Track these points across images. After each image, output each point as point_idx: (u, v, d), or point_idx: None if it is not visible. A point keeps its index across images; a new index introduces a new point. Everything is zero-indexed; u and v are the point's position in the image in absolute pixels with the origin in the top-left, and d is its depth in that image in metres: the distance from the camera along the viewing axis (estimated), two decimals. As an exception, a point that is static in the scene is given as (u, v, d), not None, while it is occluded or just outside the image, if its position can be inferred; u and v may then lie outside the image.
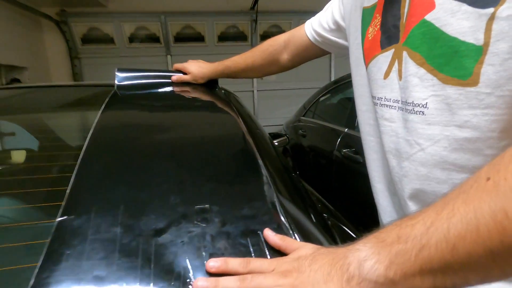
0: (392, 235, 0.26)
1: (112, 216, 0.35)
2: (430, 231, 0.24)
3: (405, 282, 0.25)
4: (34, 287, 0.27)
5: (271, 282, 0.29)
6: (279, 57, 0.75)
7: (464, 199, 0.23)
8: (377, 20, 0.42)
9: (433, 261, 0.23)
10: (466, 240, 0.22)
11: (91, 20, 3.97)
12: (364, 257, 0.27)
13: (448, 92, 0.32)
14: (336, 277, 0.28)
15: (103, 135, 0.50)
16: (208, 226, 0.37)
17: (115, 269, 0.30)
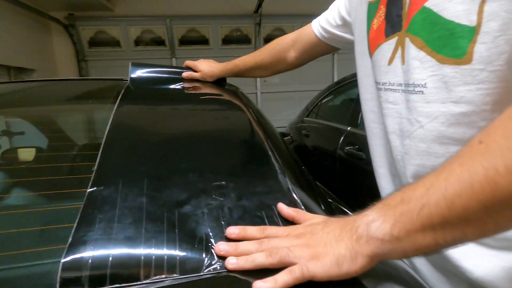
0: (396, 199, 0.29)
1: (138, 188, 0.39)
2: (430, 192, 0.26)
3: (408, 239, 0.27)
4: (72, 244, 0.31)
5: (286, 243, 0.32)
6: (286, 55, 0.77)
7: (459, 162, 0.26)
8: (382, 11, 0.44)
9: (433, 217, 0.26)
10: (462, 196, 0.24)
11: (98, 24, 4.05)
12: (372, 219, 0.29)
13: (445, 71, 0.34)
14: (347, 237, 0.30)
15: (123, 120, 0.53)
16: (226, 200, 0.40)
17: (143, 232, 0.33)
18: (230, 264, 0.31)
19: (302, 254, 0.30)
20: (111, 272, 0.29)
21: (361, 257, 0.29)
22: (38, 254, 0.34)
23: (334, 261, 0.29)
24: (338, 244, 0.30)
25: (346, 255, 0.29)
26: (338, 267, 0.29)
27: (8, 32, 3.13)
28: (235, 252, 0.32)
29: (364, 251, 0.29)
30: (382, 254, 0.29)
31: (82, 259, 0.30)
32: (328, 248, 0.30)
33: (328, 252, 0.30)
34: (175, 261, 0.31)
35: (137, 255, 0.31)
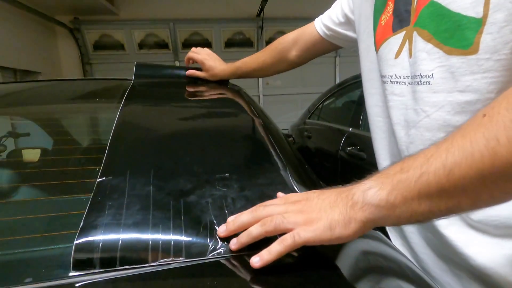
0: (396, 168, 0.29)
1: (145, 178, 0.40)
2: (430, 161, 0.27)
3: (404, 206, 0.28)
4: (83, 228, 0.32)
5: (280, 209, 0.32)
6: (287, 54, 0.78)
7: (462, 134, 0.26)
8: (390, 7, 0.46)
9: (430, 185, 0.26)
10: (461, 165, 0.25)
11: (103, 28, 4.11)
12: (368, 187, 0.30)
13: (452, 62, 0.36)
14: (341, 203, 0.31)
15: (129, 116, 0.55)
16: (229, 191, 0.41)
17: (151, 218, 0.35)
18: (232, 245, 0.32)
19: (296, 220, 0.31)
20: (121, 254, 0.31)
21: (354, 223, 0.30)
22: (53, 239, 0.36)
23: (327, 226, 0.30)
24: (332, 210, 0.31)
25: (340, 220, 0.30)
26: (331, 231, 0.30)
27: (15, 35, 3.19)
28: (233, 226, 0.33)
29: (358, 217, 0.29)
30: (375, 220, 0.29)
31: (93, 241, 0.31)
32: (322, 213, 0.31)
33: (321, 217, 0.30)
34: (181, 246, 0.33)
35: (145, 239, 0.33)
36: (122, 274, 0.30)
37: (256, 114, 0.65)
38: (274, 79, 4.61)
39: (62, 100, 0.72)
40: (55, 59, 4.04)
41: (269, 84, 4.62)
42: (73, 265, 0.30)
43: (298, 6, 4.35)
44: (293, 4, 4.33)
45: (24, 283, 0.29)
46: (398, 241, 0.55)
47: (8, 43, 3.09)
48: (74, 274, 0.29)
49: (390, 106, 0.47)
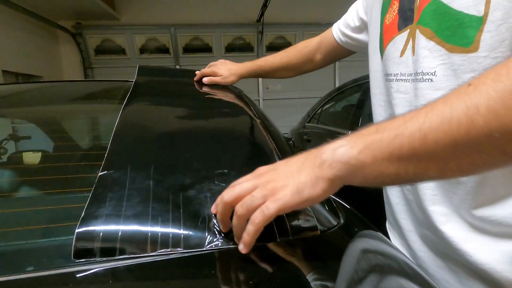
0: (371, 129, 0.29)
1: (145, 172, 0.41)
2: (407, 124, 0.26)
3: (373, 165, 0.27)
4: (84, 218, 0.33)
5: (248, 185, 0.32)
6: (313, 57, 0.81)
7: (444, 100, 0.26)
8: (395, 6, 0.46)
9: (403, 147, 0.26)
10: (437, 131, 0.25)
11: (105, 32, 4.16)
12: (339, 145, 0.29)
13: (454, 60, 0.36)
14: (309, 165, 0.30)
15: (131, 115, 0.56)
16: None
17: (150, 210, 0.36)
18: (242, 250, 0.31)
19: (264, 193, 0.30)
20: (121, 244, 0.32)
21: (321, 181, 0.29)
22: (55, 230, 0.37)
23: (295, 190, 0.29)
24: (299, 173, 0.30)
25: (307, 181, 0.29)
26: (299, 194, 0.29)
27: (17, 40, 3.23)
28: (221, 222, 0.33)
29: (325, 175, 0.29)
30: (342, 177, 0.29)
31: (94, 231, 0.32)
32: (290, 179, 0.30)
33: (288, 183, 0.30)
34: (179, 237, 0.33)
35: (144, 230, 0.33)
36: (121, 264, 0.30)
37: (256, 115, 0.66)
38: (274, 83, 4.64)
39: (66, 101, 0.73)
40: (57, 64, 4.08)
41: (269, 88, 4.65)
42: (74, 254, 0.30)
43: (297, 11, 4.40)
44: (292, 10, 4.38)
45: (27, 271, 0.29)
46: (397, 240, 0.55)
47: (11, 47, 3.12)
48: (75, 263, 0.30)
49: (395, 104, 0.47)
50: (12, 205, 0.44)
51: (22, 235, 0.36)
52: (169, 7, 4.17)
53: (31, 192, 0.46)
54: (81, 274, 0.29)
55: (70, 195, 0.44)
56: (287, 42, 4.54)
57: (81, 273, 0.29)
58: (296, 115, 3.88)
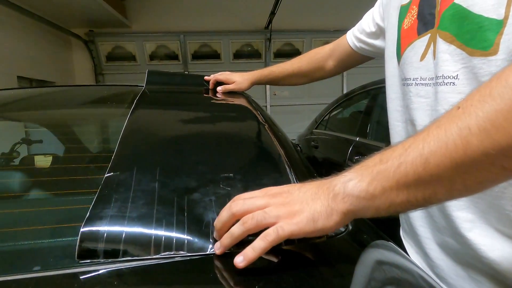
0: (375, 160, 0.30)
1: (151, 175, 0.41)
2: (408, 151, 0.28)
3: (383, 196, 0.28)
4: (89, 218, 0.33)
5: (262, 203, 0.31)
6: (325, 64, 0.80)
7: (437, 125, 0.27)
8: (414, 11, 0.46)
9: (408, 175, 0.27)
10: (436, 154, 0.26)
11: (116, 40, 4.26)
12: (349, 178, 0.30)
13: (474, 63, 0.36)
14: (323, 195, 0.31)
15: (138, 119, 0.57)
16: (233, 190, 0.42)
17: (155, 212, 0.35)
18: (216, 249, 0.32)
19: (278, 213, 0.30)
20: (124, 245, 0.31)
21: (336, 214, 0.30)
22: (61, 231, 0.37)
23: (310, 218, 0.30)
24: (314, 202, 0.31)
25: (322, 211, 0.30)
26: (314, 223, 0.30)
27: (32, 47, 3.33)
28: (217, 231, 0.33)
29: (339, 208, 0.30)
30: (355, 211, 0.30)
31: (98, 231, 0.32)
32: (304, 205, 0.31)
33: (304, 209, 0.30)
34: (183, 240, 0.33)
35: (148, 233, 0.33)
36: (125, 266, 0.30)
37: (263, 120, 0.66)
38: (281, 89, 4.65)
39: (78, 105, 0.74)
40: (70, 70, 4.19)
41: (276, 94, 4.66)
42: (78, 254, 0.30)
43: (305, 18, 4.43)
44: (300, 17, 4.42)
45: (33, 271, 0.29)
46: (413, 248, 0.54)
47: (26, 54, 3.22)
48: (79, 263, 0.30)
49: (414, 108, 0.47)
50: (22, 206, 0.44)
51: (29, 235, 0.37)
52: (178, 15, 4.25)
53: (40, 193, 0.47)
54: (84, 275, 0.29)
55: (78, 197, 0.44)
56: (295, 49, 4.56)
57: (84, 274, 0.29)
58: (303, 121, 3.88)
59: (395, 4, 0.53)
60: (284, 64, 0.83)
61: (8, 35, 2.98)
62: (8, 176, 0.59)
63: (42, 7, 3.21)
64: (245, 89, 0.83)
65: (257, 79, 0.84)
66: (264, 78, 0.84)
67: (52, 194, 0.47)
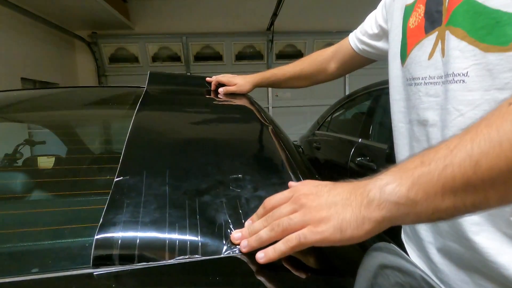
0: (415, 162, 0.27)
1: (161, 178, 0.41)
2: (454, 152, 0.25)
3: (426, 202, 0.25)
4: (103, 224, 0.33)
5: (288, 209, 0.31)
6: (327, 66, 0.79)
7: (486, 123, 0.24)
8: (420, 10, 0.45)
9: (455, 178, 0.24)
10: (489, 155, 0.23)
11: (119, 41, 4.28)
12: (386, 183, 0.27)
13: (490, 59, 0.35)
14: (355, 202, 0.28)
15: (144, 120, 0.57)
16: (243, 191, 0.41)
17: (167, 216, 0.35)
18: (243, 247, 0.32)
19: (304, 219, 0.29)
20: (139, 251, 0.31)
21: (368, 223, 0.27)
22: (73, 231, 0.37)
23: (338, 227, 0.28)
24: (344, 209, 0.28)
25: (352, 220, 0.28)
26: (341, 233, 0.28)
27: (35, 48, 3.35)
28: (247, 234, 0.33)
29: (373, 216, 0.27)
30: (392, 219, 0.27)
31: (113, 237, 0.32)
32: (333, 212, 0.28)
33: (331, 217, 0.28)
34: (197, 244, 0.33)
35: (162, 237, 0.33)
36: (139, 267, 0.30)
37: (266, 122, 0.66)
38: (283, 91, 4.65)
39: (81, 106, 0.75)
40: (73, 72, 4.21)
41: (278, 96, 4.66)
42: (93, 260, 0.30)
43: (307, 20, 4.43)
44: (302, 18, 4.42)
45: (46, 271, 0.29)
46: (415, 252, 0.53)
47: (29, 56, 3.25)
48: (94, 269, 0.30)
49: (425, 107, 0.46)
50: (24, 207, 0.44)
51: (32, 236, 0.37)
52: (181, 17, 4.27)
53: (42, 194, 0.47)
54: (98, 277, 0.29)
55: (80, 198, 0.44)
56: (297, 50, 4.56)
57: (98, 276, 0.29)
58: (305, 123, 3.87)
59: (398, 5, 0.53)
60: (286, 67, 0.83)
61: (12, 37, 3.00)
62: (11, 177, 0.60)
63: (46, 9, 3.24)
64: (247, 91, 0.83)
65: (259, 82, 0.84)
66: (266, 80, 0.84)
67: (54, 195, 0.47)
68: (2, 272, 0.33)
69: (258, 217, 0.34)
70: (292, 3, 3.98)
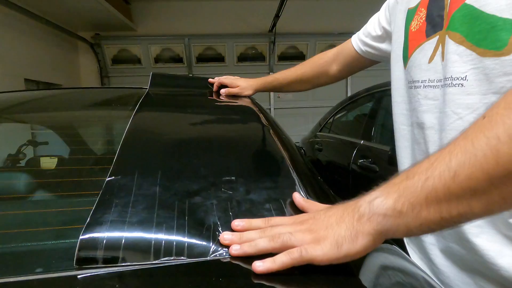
0: (402, 177, 0.28)
1: (152, 178, 0.41)
2: (434, 165, 0.26)
3: (412, 213, 0.26)
4: (89, 224, 0.33)
5: (288, 229, 0.32)
6: (328, 69, 0.78)
7: (464, 136, 0.26)
8: (422, 13, 0.46)
9: (437, 189, 0.25)
10: (465, 165, 0.24)
11: (122, 43, 4.30)
12: (374, 197, 0.29)
13: (486, 64, 0.35)
14: (348, 217, 0.30)
15: (141, 121, 0.57)
16: (234, 193, 0.41)
17: (155, 217, 0.35)
18: (233, 250, 0.31)
19: (304, 238, 0.30)
20: (124, 252, 0.31)
21: (362, 237, 0.28)
22: (61, 232, 0.37)
23: (334, 243, 0.29)
24: (339, 226, 0.30)
25: (346, 235, 0.29)
26: (338, 248, 0.29)
27: (39, 50, 3.38)
28: (239, 240, 0.32)
29: (365, 230, 0.28)
30: (384, 231, 0.28)
31: (98, 238, 0.32)
32: (329, 231, 0.30)
33: (328, 235, 0.30)
34: (183, 246, 0.32)
35: (148, 238, 0.33)
36: (123, 269, 0.30)
37: (267, 123, 0.66)
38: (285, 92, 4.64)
39: (83, 107, 0.75)
40: (76, 72, 4.23)
41: (280, 97, 4.66)
42: (76, 260, 0.30)
43: (309, 22, 4.43)
44: (304, 20, 4.42)
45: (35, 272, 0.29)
46: (416, 254, 0.53)
47: (33, 57, 3.27)
48: (78, 268, 0.30)
49: (423, 110, 0.46)
50: (28, 207, 0.45)
51: (32, 236, 0.37)
52: (183, 18, 4.29)
53: (44, 194, 0.47)
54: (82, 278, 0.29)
55: (80, 199, 0.44)
56: (299, 52, 4.56)
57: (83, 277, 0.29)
58: (307, 124, 3.86)
59: (402, 8, 0.53)
60: (287, 71, 0.83)
61: (16, 38, 3.02)
62: (14, 177, 0.60)
63: (50, 11, 3.26)
64: (248, 95, 0.83)
65: (262, 86, 0.84)
66: (269, 85, 0.84)
67: (56, 195, 0.47)
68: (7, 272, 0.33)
69: (251, 225, 0.34)
70: (294, 4, 3.98)
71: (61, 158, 0.67)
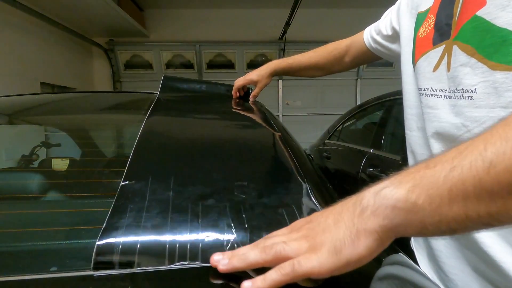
0: (420, 165, 0.23)
1: (165, 183, 0.42)
2: (464, 153, 0.21)
3: (430, 207, 0.21)
4: (106, 228, 0.34)
5: (283, 238, 0.27)
6: (342, 59, 0.81)
7: (505, 123, 0.21)
8: (431, 20, 0.45)
9: (465, 181, 0.20)
10: (505, 155, 0.19)
11: (134, 48, 4.40)
12: (382, 187, 0.23)
13: (496, 77, 0.35)
14: (347, 214, 0.25)
15: (153, 126, 0.58)
16: (247, 198, 0.41)
17: (169, 221, 0.35)
18: (221, 265, 0.27)
19: (299, 248, 0.25)
20: (139, 256, 0.32)
21: (364, 236, 0.23)
22: (78, 233, 0.37)
23: (332, 250, 0.24)
24: (337, 227, 0.25)
25: (345, 237, 0.24)
26: (337, 255, 0.24)
27: (55, 54, 3.48)
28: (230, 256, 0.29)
29: (368, 227, 0.23)
30: (393, 228, 0.23)
31: (114, 243, 0.32)
32: (326, 235, 0.25)
33: (325, 241, 0.24)
34: (197, 250, 0.33)
35: (164, 243, 0.33)
36: (138, 271, 0.30)
37: (277, 129, 0.66)
38: (294, 99, 4.65)
39: (96, 110, 0.77)
40: (89, 77, 4.34)
41: (289, 104, 4.66)
42: (94, 265, 0.30)
43: (318, 30, 4.45)
44: (314, 29, 4.45)
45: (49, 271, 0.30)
46: (425, 260, 0.52)
47: (49, 61, 3.37)
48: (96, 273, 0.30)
49: (425, 118, 0.46)
50: (40, 207, 0.45)
51: (44, 236, 0.37)
52: (194, 25, 4.37)
53: (55, 195, 0.48)
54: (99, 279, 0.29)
55: (92, 200, 0.45)
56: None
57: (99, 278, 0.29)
58: (315, 132, 3.84)
59: (412, 10, 0.53)
60: (300, 56, 0.85)
61: (34, 43, 3.13)
62: (26, 177, 0.61)
63: (66, 17, 3.37)
64: (267, 83, 0.86)
65: (274, 71, 0.86)
66: (281, 69, 0.86)
67: (67, 196, 0.48)
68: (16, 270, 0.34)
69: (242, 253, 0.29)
70: (305, 13, 4.01)
71: (72, 160, 0.69)
